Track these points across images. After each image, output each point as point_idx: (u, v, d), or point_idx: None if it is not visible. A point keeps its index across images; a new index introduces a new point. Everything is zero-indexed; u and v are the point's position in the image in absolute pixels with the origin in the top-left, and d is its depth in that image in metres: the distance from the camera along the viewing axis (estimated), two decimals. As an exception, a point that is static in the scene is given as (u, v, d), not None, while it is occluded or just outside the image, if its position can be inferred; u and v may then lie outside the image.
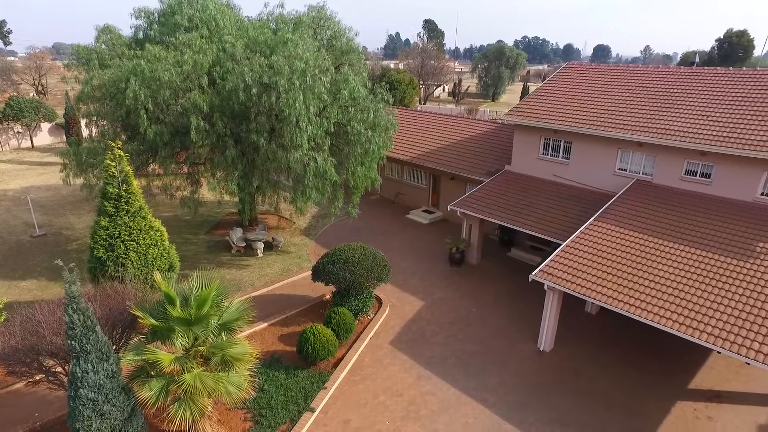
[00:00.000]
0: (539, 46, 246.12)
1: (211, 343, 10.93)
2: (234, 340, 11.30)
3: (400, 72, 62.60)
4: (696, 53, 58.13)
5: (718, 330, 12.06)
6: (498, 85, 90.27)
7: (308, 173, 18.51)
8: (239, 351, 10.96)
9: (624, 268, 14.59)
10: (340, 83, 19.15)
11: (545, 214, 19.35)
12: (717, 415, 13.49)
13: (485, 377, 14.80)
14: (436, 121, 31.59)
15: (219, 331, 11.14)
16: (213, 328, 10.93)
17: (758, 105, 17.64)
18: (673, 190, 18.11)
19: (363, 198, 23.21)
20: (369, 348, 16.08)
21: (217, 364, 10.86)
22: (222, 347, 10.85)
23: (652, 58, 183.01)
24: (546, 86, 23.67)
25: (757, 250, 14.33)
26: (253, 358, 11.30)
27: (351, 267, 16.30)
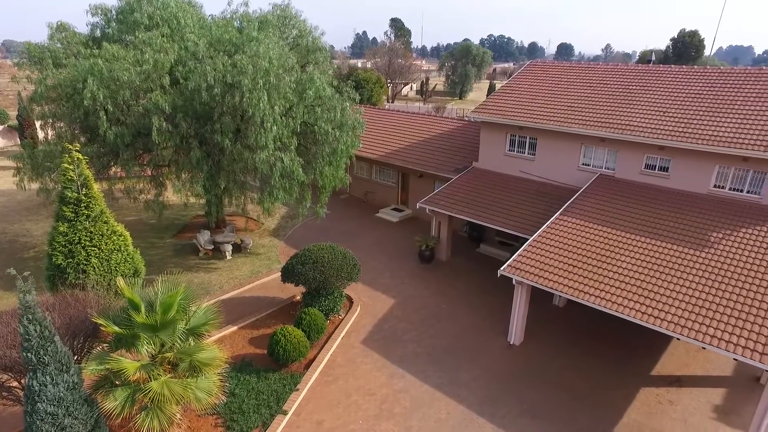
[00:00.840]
0: (504, 45, 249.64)
1: (178, 348, 10.68)
2: (202, 345, 11.07)
3: (367, 71, 62.53)
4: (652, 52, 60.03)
5: (677, 318, 12.50)
6: (465, 83, 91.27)
7: (275, 174, 18.29)
8: (208, 356, 10.74)
9: (589, 260, 14.96)
10: (306, 82, 19.00)
11: (513, 210, 19.67)
12: (677, 399, 14.02)
13: (457, 373, 14.95)
14: (404, 120, 31.71)
15: (186, 336, 10.89)
16: (180, 333, 10.68)
17: (709, 101, 18.37)
18: (634, 183, 18.67)
19: (332, 197, 23.11)
20: (341, 348, 16.03)
21: (186, 370, 10.62)
22: (190, 353, 10.61)
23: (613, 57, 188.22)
24: (511, 84, 24.05)
25: (711, 240, 14.93)
26: (223, 363, 11.09)
27: (321, 267, 16.20)
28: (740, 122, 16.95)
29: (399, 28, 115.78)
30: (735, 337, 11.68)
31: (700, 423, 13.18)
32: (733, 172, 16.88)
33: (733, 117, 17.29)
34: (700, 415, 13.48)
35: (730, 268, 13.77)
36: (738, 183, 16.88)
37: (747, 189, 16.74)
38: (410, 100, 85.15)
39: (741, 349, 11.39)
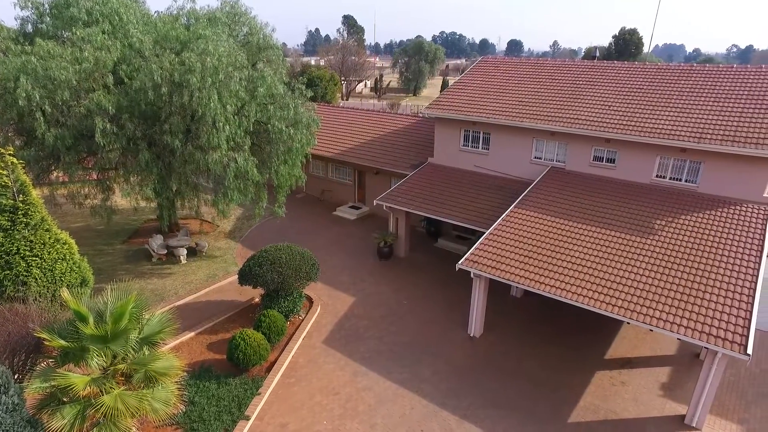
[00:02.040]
0: (456, 41, 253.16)
1: (132, 359, 10.26)
2: (158, 354, 10.68)
3: (321, 68, 62.04)
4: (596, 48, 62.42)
5: (627, 303, 13.06)
6: (419, 79, 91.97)
7: (229, 174, 17.86)
8: (164, 365, 10.37)
9: (543, 251, 15.40)
10: (257, 80, 18.61)
11: (468, 204, 19.99)
12: (629, 380, 14.67)
13: (420, 367, 15.09)
14: (359, 117, 31.65)
15: (140, 345, 10.48)
16: (133, 343, 10.26)
17: (649, 96, 19.27)
18: (583, 175, 19.36)
19: (288, 197, 22.75)
20: (302, 349, 15.86)
21: (141, 380, 10.21)
22: (144, 362, 10.22)
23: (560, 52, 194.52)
24: (463, 80, 24.42)
25: (655, 227, 15.69)
26: (181, 371, 10.74)
27: (279, 268, 15.96)
28: (677, 115, 17.87)
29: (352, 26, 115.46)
30: (678, 318, 12.33)
31: (649, 400, 13.84)
32: (672, 162, 17.78)
33: (670, 110, 18.20)
34: (649, 393, 14.16)
35: (672, 253, 14.52)
36: (677, 173, 17.79)
37: (685, 178, 17.67)
38: (365, 97, 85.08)
39: (683, 329, 12.03)
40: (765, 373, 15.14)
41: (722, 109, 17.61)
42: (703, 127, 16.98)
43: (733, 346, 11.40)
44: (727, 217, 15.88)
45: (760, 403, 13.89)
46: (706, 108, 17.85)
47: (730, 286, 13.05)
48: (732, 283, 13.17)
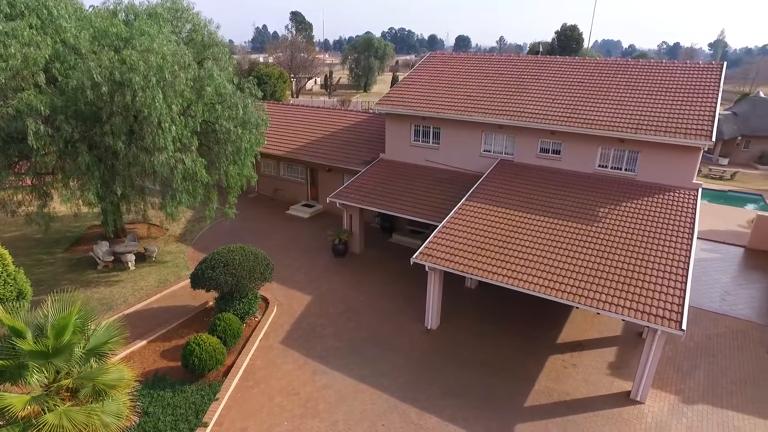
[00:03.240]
0: (405, 37, 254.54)
1: (78, 373, 9.79)
2: (107, 366, 10.23)
3: (269, 66, 60.95)
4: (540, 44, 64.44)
5: (575, 288, 13.62)
6: (369, 75, 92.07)
7: (177, 176, 17.31)
8: (114, 376, 9.94)
9: (495, 242, 15.82)
10: (204, 79, 18.11)
11: (421, 199, 20.25)
12: (579, 362, 15.34)
13: (378, 362, 15.20)
14: (310, 114, 31.39)
15: (87, 358, 10.01)
16: (78, 356, 9.80)
17: (590, 89, 20.13)
18: (531, 166, 19.99)
19: (240, 197, 22.30)
20: (260, 350, 15.65)
21: (89, 395, 9.75)
22: (92, 376, 9.76)
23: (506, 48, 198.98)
24: (413, 75, 24.65)
25: (599, 215, 16.43)
26: (133, 381, 10.32)
27: (232, 270, 15.65)
28: (616, 107, 18.75)
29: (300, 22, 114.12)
30: (622, 300, 12.99)
31: (598, 380, 14.53)
32: (613, 152, 18.66)
33: (610, 103, 19.08)
34: (598, 373, 14.86)
35: (615, 239, 15.26)
36: (617, 162, 18.69)
37: (624, 167, 18.59)
38: (315, 94, 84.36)
39: (627, 311, 12.70)
40: (697, 346, 16.21)
41: (655, 101, 18.62)
42: (639, 119, 17.90)
43: (670, 324, 12.13)
44: (662, 202, 16.84)
45: (694, 374, 14.88)
46: (641, 100, 18.82)
47: (666, 268, 13.87)
48: (668, 264, 14.00)
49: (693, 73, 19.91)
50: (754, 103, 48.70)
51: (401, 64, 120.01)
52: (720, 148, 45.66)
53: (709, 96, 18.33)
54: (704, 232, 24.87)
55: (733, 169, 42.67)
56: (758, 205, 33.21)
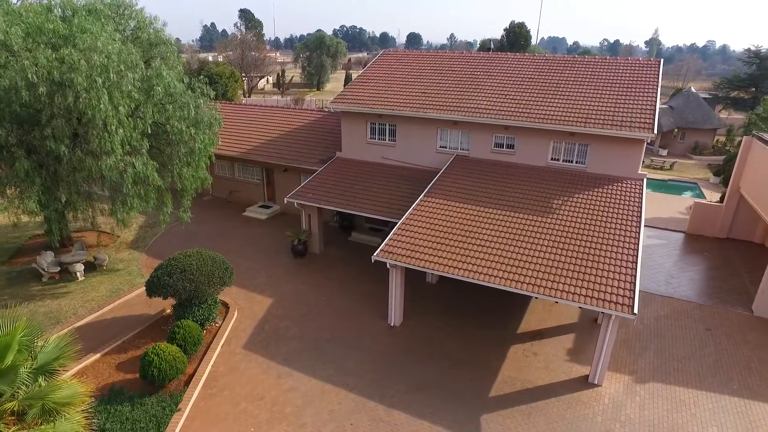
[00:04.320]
0: (357, 35, 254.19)
1: (24, 394, 9.21)
2: (57, 383, 9.68)
3: (219, 64, 59.40)
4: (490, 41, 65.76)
5: (533, 279, 14.02)
6: (321, 73, 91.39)
7: (127, 180, 16.61)
8: (66, 393, 9.42)
9: (454, 237, 16.06)
10: (153, 79, 17.44)
11: (379, 196, 20.31)
12: (540, 350, 15.82)
13: (344, 361, 15.15)
14: (264, 114, 30.87)
15: (35, 377, 9.45)
16: (24, 376, 9.22)
17: (540, 85, 20.75)
18: (486, 161, 20.41)
19: (194, 200, 21.64)
20: (222, 356, 15.28)
21: (38, 416, 9.20)
22: (41, 395, 9.20)
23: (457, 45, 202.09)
24: (366, 73, 24.64)
25: (553, 207, 16.98)
26: (87, 397, 9.84)
27: (189, 275, 15.19)
28: (565, 102, 19.42)
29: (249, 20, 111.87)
30: (578, 288, 13.48)
31: (558, 366, 15.04)
32: (564, 146, 19.32)
33: (559, 98, 19.73)
34: (558, 359, 15.38)
35: (569, 229, 15.81)
36: (568, 155, 19.37)
37: (575, 160, 19.29)
38: (268, 93, 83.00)
39: (583, 298, 13.19)
40: (647, 328, 17.06)
41: (602, 96, 19.41)
42: (587, 113, 18.60)
43: (623, 309, 12.69)
44: (612, 193, 17.58)
45: (645, 354, 15.66)
46: (588, 95, 19.57)
47: (617, 255, 14.49)
48: (619, 252, 14.63)
49: (634, 69, 20.88)
50: (688, 98, 51.64)
51: (354, 62, 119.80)
52: (660, 140, 48.10)
53: (650, 91, 19.27)
54: (649, 220, 26.15)
55: (672, 159, 45.05)
56: (694, 192, 35.24)
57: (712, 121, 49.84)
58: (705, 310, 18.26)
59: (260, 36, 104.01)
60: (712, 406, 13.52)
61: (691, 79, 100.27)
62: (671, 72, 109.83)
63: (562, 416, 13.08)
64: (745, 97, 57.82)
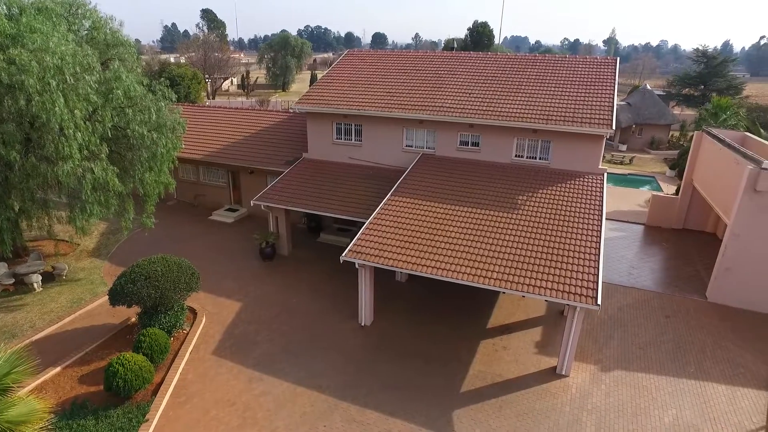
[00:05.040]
0: (322, 35, 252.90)
1: (-23, 412, 8.79)
2: (12, 400, 9.24)
3: (181, 66, 58.13)
4: (454, 40, 66.49)
5: (500, 274, 14.27)
6: (286, 74, 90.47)
7: (85, 187, 16.09)
8: (20, 412, 8.97)
9: (422, 235, 16.19)
10: (112, 81, 16.97)
11: (347, 196, 20.29)
12: (509, 344, 16.12)
13: (315, 363, 15.08)
14: (228, 116, 30.39)
15: (-15, 395, 9.02)
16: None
17: (503, 83, 21.15)
18: (452, 159, 20.66)
19: (158, 205, 21.15)
20: (191, 364, 14.98)
21: (-10, 435, 8.82)
22: (-7, 414, 8.81)
23: (422, 45, 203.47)
24: (331, 73, 24.58)
25: (519, 203, 17.34)
26: (46, 413, 9.46)
27: (155, 282, 14.82)
28: (528, 100, 19.85)
29: (212, 20, 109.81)
30: (545, 282, 13.79)
31: (527, 359, 15.36)
32: (528, 143, 19.74)
33: (522, 96, 20.15)
34: (527, 352, 15.71)
35: (534, 224, 16.17)
36: (532, 152, 19.81)
37: (539, 156, 19.74)
38: (232, 95, 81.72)
39: (550, 291, 13.51)
40: (611, 318, 17.61)
41: (563, 93, 19.93)
42: (549, 110, 19.06)
43: (587, 300, 13.07)
44: (574, 187, 18.08)
45: (609, 343, 16.17)
46: (550, 93, 20.06)
47: (581, 249, 14.91)
48: (582, 245, 15.05)
49: (592, 67, 21.52)
50: (644, 95, 53.54)
51: (319, 62, 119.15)
52: (619, 136, 49.66)
53: (607, 88, 19.90)
54: (611, 213, 26.99)
55: (631, 154, 46.58)
56: (652, 186, 36.54)
57: (666, 117, 51.80)
58: (664, 298, 18.97)
59: (223, 37, 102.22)
60: (671, 389, 14.09)
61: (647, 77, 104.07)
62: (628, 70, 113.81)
63: (532, 407, 13.37)
64: (696, 94, 60.34)
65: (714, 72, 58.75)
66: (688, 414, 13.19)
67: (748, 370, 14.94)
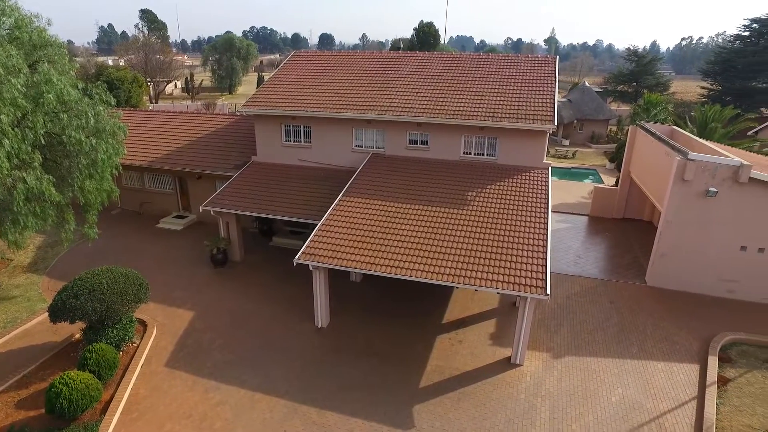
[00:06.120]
0: (268, 36, 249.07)
1: None
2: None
3: (120, 69, 55.67)
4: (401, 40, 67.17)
5: (453, 270, 14.55)
6: (233, 76, 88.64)
7: (17, 198, 15.13)
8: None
9: (374, 234, 16.28)
10: (42, 85, 16.01)
11: (298, 199, 20.13)
12: (465, 338, 16.48)
13: (273, 368, 14.89)
14: (173, 120, 29.43)
15: None
16: None
17: (450, 82, 21.58)
18: (402, 158, 20.88)
19: (101, 214, 20.14)
20: (142, 378, 14.44)
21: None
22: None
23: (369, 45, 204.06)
24: (278, 74, 24.29)
25: (468, 199, 17.74)
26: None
27: (100, 295, 14.18)
28: (473, 98, 20.33)
29: (152, 21, 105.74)
30: (496, 275, 14.18)
31: (483, 352, 15.75)
32: (475, 140, 20.21)
33: (468, 94, 20.62)
34: (482, 345, 16.10)
35: (484, 219, 16.60)
36: (479, 149, 20.30)
37: (486, 153, 20.26)
38: (176, 98, 79.18)
39: (501, 284, 13.90)
40: (560, 306, 18.33)
41: (507, 91, 20.53)
42: (495, 108, 19.59)
43: (537, 290, 13.54)
44: (521, 182, 18.67)
45: (559, 331, 16.83)
46: (495, 90, 20.63)
47: (529, 241, 15.43)
48: (530, 238, 15.59)
49: (534, 65, 22.29)
50: (583, 92, 56.09)
51: (266, 63, 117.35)
52: (562, 131, 51.69)
53: (549, 86, 20.68)
54: (556, 205, 28.05)
55: (574, 148, 48.59)
56: (594, 178, 38.28)
57: (604, 112, 54.42)
58: (608, 285, 19.93)
59: (165, 38, 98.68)
60: (617, 370, 14.83)
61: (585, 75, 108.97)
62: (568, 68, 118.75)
63: (489, 397, 13.73)
64: (629, 90, 63.76)
65: (644, 70, 62.39)
66: (632, 392, 13.95)
67: (682, 346, 15.95)
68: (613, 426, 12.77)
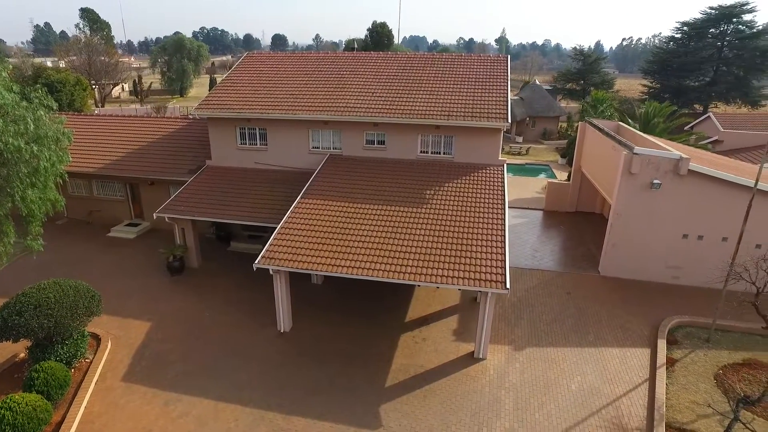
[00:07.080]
0: (219, 37, 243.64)
1: None
2: None
3: (61, 71, 53.01)
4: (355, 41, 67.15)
5: (414, 268, 14.66)
6: (183, 78, 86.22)
7: (-49, 210, 14.22)
8: None
9: (334, 235, 16.20)
10: (-27, 89, 15.09)
11: (255, 202, 19.80)
12: (428, 335, 16.64)
13: (236, 376, 14.58)
14: (122, 124, 28.32)
15: None
16: None
17: (405, 81, 21.73)
18: (359, 159, 20.87)
19: (46, 225, 19.12)
20: (97, 394, 13.83)
21: None
22: None
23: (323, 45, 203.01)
24: (231, 76, 23.80)
25: (427, 197, 17.93)
26: None
27: (47, 310, 13.45)
28: (429, 97, 20.55)
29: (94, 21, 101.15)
30: (457, 272, 14.38)
31: (446, 347, 15.95)
32: (431, 139, 20.44)
33: (423, 93, 20.83)
34: (446, 341, 16.31)
35: (443, 217, 16.81)
36: (436, 147, 20.55)
37: (443, 151, 20.53)
38: (124, 102, 76.25)
39: (462, 281, 14.12)
40: (520, 300, 18.80)
41: (461, 90, 20.87)
42: (450, 106, 19.87)
43: (497, 285, 13.84)
44: (477, 179, 19.03)
45: (520, 324, 17.26)
46: (449, 89, 20.92)
47: (487, 236, 15.73)
48: (488, 233, 15.90)
49: (487, 64, 22.75)
50: (534, 90, 57.77)
51: (218, 65, 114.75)
52: (515, 129, 53.01)
53: (501, 84, 21.15)
54: (513, 201, 28.75)
55: (527, 145, 49.93)
56: (547, 173, 39.48)
57: (555, 109, 56.21)
58: (565, 276, 20.59)
59: (109, 39, 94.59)
60: (575, 359, 15.36)
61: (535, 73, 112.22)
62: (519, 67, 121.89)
63: (454, 393, 13.93)
64: (577, 88, 66.18)
65: (590, 69, 64.96)
66: (590, 379, 14.48)
67: (635, 332, 16.69)
68: (574, 412, 13.22)
